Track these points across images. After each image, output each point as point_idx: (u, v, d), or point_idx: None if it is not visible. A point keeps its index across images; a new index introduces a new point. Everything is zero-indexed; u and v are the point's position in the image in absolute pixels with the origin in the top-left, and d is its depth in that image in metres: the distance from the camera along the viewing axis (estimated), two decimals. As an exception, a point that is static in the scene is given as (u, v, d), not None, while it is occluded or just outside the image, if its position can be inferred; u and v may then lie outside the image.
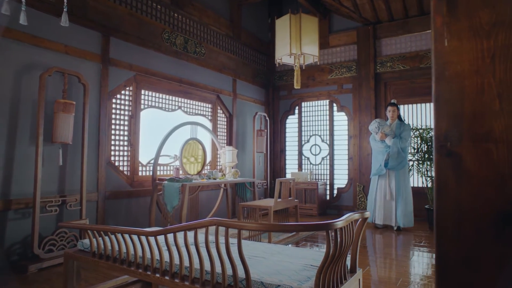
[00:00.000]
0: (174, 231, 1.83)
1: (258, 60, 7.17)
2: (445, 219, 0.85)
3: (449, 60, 0.85)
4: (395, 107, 5.23)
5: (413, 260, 3.65)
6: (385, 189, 5.10)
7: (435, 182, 0.88)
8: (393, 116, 5.20)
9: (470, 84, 0.82)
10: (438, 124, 0.87)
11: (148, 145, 4.70)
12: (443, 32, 0.86)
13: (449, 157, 0.85)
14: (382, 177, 5.14)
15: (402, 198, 4.97)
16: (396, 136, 5.10)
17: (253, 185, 5.58)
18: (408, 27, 6.02)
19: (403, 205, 4.95)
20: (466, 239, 0.80)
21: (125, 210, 4.32)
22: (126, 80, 4.36)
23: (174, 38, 4.99)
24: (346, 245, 1.71)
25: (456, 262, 0.82)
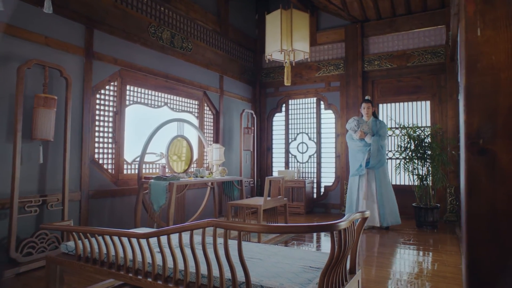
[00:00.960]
0: (168, 233, 1.73)
1: (245, 57, 7.08)
2: (478, 223, 0.79)
3: (482, 51, 0.79)
4: (370, 104, 5.13)
5: (403, 258, 3.66)
6: (366, 189, 4.97)
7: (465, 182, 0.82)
8: (368, 113, 5.10)
9: (507, 77, 0.76)
10: (469, 120, 0.81)
11: (133, 142, 4.54)
12: (476, 21, 0.80)
13: (481, 155, 0.79)
14: (362, 177, 5.00)
15: (385, 197, 4.86)
16: (374, 133, 5.00)
17: (241, 184, 5.50)
18: (395, 25, 6.05)
19: (387, 204, 4.86)
20: (504, 244, 0.74)
21: (109, 210, 4.16)
22: (110, 75, 4.19)
23: (160, 33, 4.84)
24: (349, 246, 1.66)
25: (491, 271, 0.76)
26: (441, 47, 5.70)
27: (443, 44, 5.70)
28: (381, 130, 4.99)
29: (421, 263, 3.41)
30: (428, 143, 5.13)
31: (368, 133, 5.00)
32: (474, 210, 0.79)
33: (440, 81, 5.76)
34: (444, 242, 4.24)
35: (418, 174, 5.11)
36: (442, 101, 5.73)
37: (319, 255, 2.18)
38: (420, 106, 6.00)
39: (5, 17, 3.16)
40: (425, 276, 2.99)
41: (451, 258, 3.55)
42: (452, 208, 5.46)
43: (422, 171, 5.11)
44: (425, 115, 5.94)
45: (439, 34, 5.77)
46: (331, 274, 1.54)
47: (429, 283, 2.81)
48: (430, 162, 5.03)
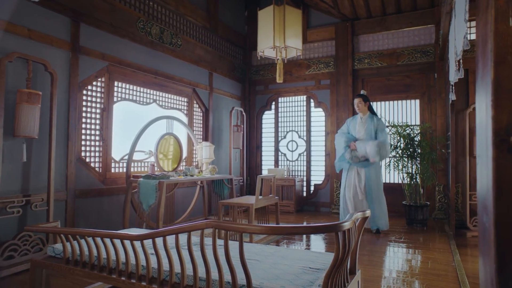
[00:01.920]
0: (164, 235, 1.65)
1: (235, 54, 7.00)
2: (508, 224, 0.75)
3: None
4: (361, 99, 4.72)
5: (396, 256, 3.66)
6: (354, 186, 4.65)
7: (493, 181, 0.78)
8: (360, 108, 4.72)
9: (540, 70, 0.72)
10: (498, 115, 0.77)
11: (121, 140, 4.42)
12: (508, 10, 0.76)
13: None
14: (351, 171, 4.70)
15: (376, 199, 4.55)
16: (369, 132, 4.63)
17: (231, 182, 5.43)
18: (386, 24, 6.07)
19: (378, 207, 4.55)
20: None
21: (96, 210, 4.03)
22: (98, 70, 4.06)
23: (149, 28, 4.72)
24: (352, 246, 1.62)
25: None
26: (430, 46, 5.75)
27: (432, 43, 5.74)
28: (379, 126, 4.66)
29: (414, 262, 3.42)
30: (417, 142, 5.16)
31: (361, 139, 4.66)
32: (503, 210, 0.75)
33: (429, 80, 5.81)
34: (434, 240, 4.27)
35: (408, 172, 5.14)
36: (431, 100, 5.78)
37: (317, 255, 2.14)
38: (409, 105, 6.04)
39: (-14, 8, 3.00)
40: (419, 274, 2.99)
41: (443, 256, 3.57)
42: (440, 206, 5.52)
43: (412, 169, 5.14)
44: (414, 113, 5.98)
45: (428, 33, 5.81)
46: (335, 276, 1.49)
47: (424, 282, 2.81)
48: (420, 160, 5.06)
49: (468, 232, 4.52)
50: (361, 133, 4.72)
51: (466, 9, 2.40)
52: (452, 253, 3.65)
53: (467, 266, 3.25)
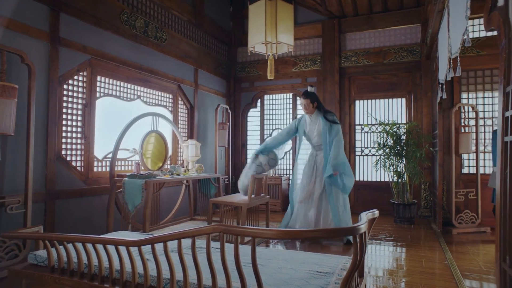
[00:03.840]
0: (165, 240, 1.52)
1: (220, 50, 6.84)
2: None
3: None
4: (308, 100, 4.08)
5: (389, 255, 3.64)
6: (308, 187, 4.14)
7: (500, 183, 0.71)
8: (308, 110, 4.15)
9: None
10: None
11: (105, 137, 4.20)
12: None
13: None
14: (307, 170, 4.22)
15: (341, 204, 4.00)
16: (324, 133, 4.06)
17: (218, 181, 5.30)
18: (372, 22, 6.07)
19: (343, 213, 3.99)
20: None
21: (78, 211, 3.81)
22: (79, 64, 3.83)
23: (133, 20, 4.51)
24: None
25: None
26: (416, 45, 5.79)
27: (418, 42, 5.79)
28: (335, 136, 4.02)
29: (408, 261, 3.40)
30: (404, 140, 5.19)
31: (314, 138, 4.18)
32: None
33: (416, 78, 5.86)
34: (424, 238, 4.30)
35: (396, 170, 5.16)
36: (417, 99, 5.83)
37: (321, 257, 2.06)
38: (395, 103, 6.08)
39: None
40: (416, 274, 2.96)
41: (435, 254, 3.57)
42: (426, 203, 5.58)
43: (399, 167, 5.16)
44: (400, 112, 6.02)
45: (414, 32, 5.85)
46: (352, 281, 1.41)
47: (421, 281, 2.78)
48: (407, 158, 5.09)
49: (453, 229, 4.58)
50: (314, 133, 4.20)
51: (467, 5, 2.38)
52: (443, 251, 3.66)
53: (460, 263, 3.26)
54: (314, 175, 4.19)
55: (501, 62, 1.85)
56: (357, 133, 6.28)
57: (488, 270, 3.11)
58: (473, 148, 4.81)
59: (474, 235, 4.48)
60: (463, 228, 4.61)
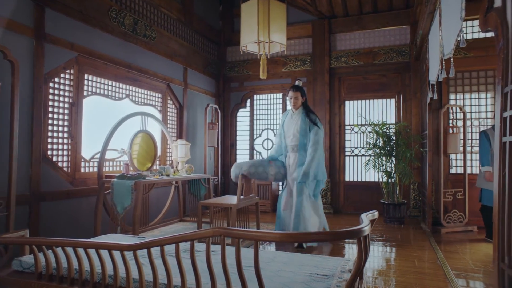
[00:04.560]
0: (162, 244, 1.46)
1: (209, 49, 6.77)
2: None
3: None
4: (299, 93, 3.90)
5: (381, 255, 3.64)
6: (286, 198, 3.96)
7: None
8: (296, 104, 3.90)
9: None
10: None
11: (92, 137, 4.09)
12: None
13: None
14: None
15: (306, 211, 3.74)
16: (302, 132, 3.81)
17: (208, 182, 5.23)
18: (362, 23, 6.10)
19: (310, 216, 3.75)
20: None
21: (65, 213, 3.69)
22: (66, 61, 3.71)
23: (122, 18, 4.40)
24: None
25: None
26: (405, 46, 5.85)
27: (407, 43, 5.84)
28: (314, 138, 3.74)
29: (400, 261, 3.41)
30: (394, 140, 5.22)
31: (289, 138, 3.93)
32: None
33: (405, 79, 5.91)
34: (414, 238, 4.32)
35: (386, 170, 5.19)
36: (406, 99, 5.89)
37: (319, 259, 2.03)
38: (385, 104, 6.12)
39: None
40: (409, 274, 2.97)
41: (426, 254, 3.60)
42: (415, 203, 5.64)
43: (389, 167, 5.19)
44: (390, 112, 6.07)
45: (404, 33, 5.91)
46: (355, 283, 1.38)
47: (415, 281, 2.78)
48: (397, 159, 5.13)
49: (442, 229, 4.63)
50: (290, 131, 3.91)
51: (462, 6, 2.38)
52: (434, 250, 3.69)
53: (451, 263, 3.28)
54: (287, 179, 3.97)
55: (498, 62, 1.85)
56: (347, 133, 6.30)
57: (477, 269, 3.14)
58: (461, 148, 4.88)
59: (462, 234, 4.54)
60: (451, 228, 4.67)
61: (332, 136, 6.26)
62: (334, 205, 6.16)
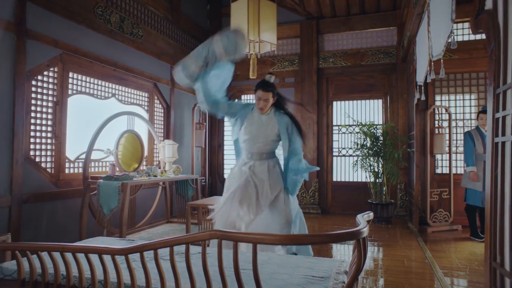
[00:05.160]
0: (155, 248, 1.41)
1: (197, 48, 6.68)
2: None
3: None
4: (270, 94, 2.75)
5: (371, 255, 3.66)
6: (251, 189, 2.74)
7: None
8: (265, 108, 2.78)
9: None
10: None
11: (77, 137, 3.97)
12: None
13: None
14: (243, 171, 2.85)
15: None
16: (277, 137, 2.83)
17: (196, 183, 5.17)
18: (350, 24, 6.14)
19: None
20: None
21: (48, 216, 3.57)
22: (50, 59, 3.59)
23: (108, 15, 4.30)
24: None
25: None
26: (392, 47, 5.91)
27: (394, 45, 5.91)
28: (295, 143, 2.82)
29: (390, 260, 3.43)
30: (382, 141, 5.27)
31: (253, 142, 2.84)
32: None
33: (392, 80, 5.98)
34: (402, 237, 4.37)
35: (373, 171, 5.23)
36: (393, 100, 5.95)
37: (312, 261, 2.01)
38: (372, 104, 6.17)
39: None
40: (400, 273, 2.99)
41: (415, 253, 3.63)
42: (402, 203, 5.70)
43: (377, 168, 5.24)
44: (377, 113, 6.12)
45: (390, 35, 5.97)
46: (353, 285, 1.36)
47: (406, 281, 2.80)
48: (385, 159, 5.17)
49: (428, 228, 4.69)
50: (260, 138, 2.81)
51: (453, 8, 2.41)
52: (422, 250, 3.73)
53: (439, 262, 3.32)
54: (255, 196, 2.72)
55: (490, 64, 1.88)
56: (335, 133, 6.33)
57: (464, 267, 3.19)
58: (446, 148, 4.96)
59: (447, 233, 4.61)
60: (437, 227, 4.74)
61: (320, 137, 6.28)
62: (322, 205, 6.18)
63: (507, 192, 1.66)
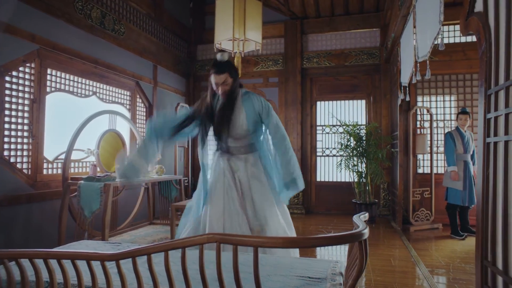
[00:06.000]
0: (149, 253, 1.34)
1: (180, 47, 6.58)
2: None
3: None
4: (227, 74, 2.35)
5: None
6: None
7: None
8: (225, 90, 2.39)
9: None
10: None
11: (56, 136, 3.80)
12: None
13: None
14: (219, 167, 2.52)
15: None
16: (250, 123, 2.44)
17: (180, 183, 5.07)
18: (334, 24, 6.17)
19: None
20: None
21: (24, 219, 3.40)
22: (26, 54, 3.42)
23: (89, 10, 4.14)
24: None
25: None
26: (376, 48, 5.99)
27: (377, 46, 5.99)
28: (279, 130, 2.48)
29: (377, 260, 3.45)
30: (365, 141, 5.33)
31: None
32: None
33: (375, 81, 6.05)
34: (386, 236, 4.42)
35: (358, 171, 5.28)
36: (376, 101, 6.03)
37: (307, 261, 1.98)
38: (356, 105, 6.23)
39: None
40: (388, 273, 3.01)
41: (401, 252, 3.68)
42: (385, 203, 5.78)
43: (361, 168, 5.29)
44: (361, 113, 6.19)
45: (374, 36, 6.05)
46: None
47: (395, 280, 2.82)
48: (368, 159, 5.23)
49: (411, 227, 4.77)
50: (235, 126, 2.45)
51: (441, 10, 2.44)
52: (407, 249, 3.78)
53: (424, 260, 3.37)
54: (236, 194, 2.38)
55: (481, 66, 1.90)
56: (319, 134, 6.35)
57: (447, 265, 3.24)
58: (428, 148, 5.06)
59: (429, 232, 4.71)
60: (419, 226, 4.82)
61: (304, 137, 6.29)
62: (306, 205, 6.19)
63: (500, 192, 1.68)
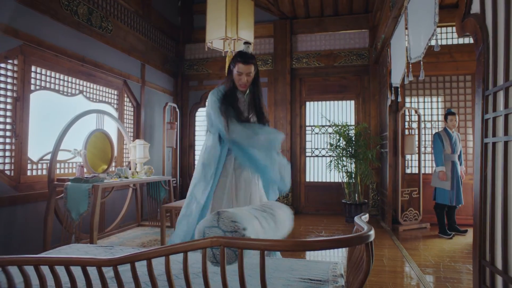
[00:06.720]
0: (149, 257, 1.28)
1: (168, 46, 6.48)
2: None
3: None
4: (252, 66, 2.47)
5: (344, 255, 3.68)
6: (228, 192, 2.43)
7: None
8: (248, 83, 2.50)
9: None
10: None
11: (40, 136, 3.67)
12: None
13: None
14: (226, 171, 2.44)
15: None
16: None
17: (169, 184, 4.98)
18: (323, 25, 6.19)
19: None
20: None
21: (7, 222, 3.26)
22: (8, 50, 3.28)
23: (75, 6, 4.02)
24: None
25: None
26: (365, 49, 6.03)
27: (366, 47, 6.03)
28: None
29: (367, 259, 3.46)
30: (355, 141, 5.35)
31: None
32: None
33: (364, 82, 6.09)
34: (377, 237, 4.44)
35: (347, 171, 5.30)
36: (365, 101, 6.07)
37: (306, 263, 1.95)
38: (345, 105, 6.26)
39: None
40: (381, 273, 3.01)
41: (392, 252, 3.69)
42: (374, 203, 5.82)
43: (351, 168, 5.31)
44: (350, 114, 6.22)
45: (363, 37, 6.09)
46: (361, 292, 1.31)
47: (389, 280, 2.83)
48: (358, 159, 5.25)
49: (400, 227, 4.82)
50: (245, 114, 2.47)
51: (436, 11, 2.45)
52: (398, 248, 3.80)
53: (415, 259, 3.39)
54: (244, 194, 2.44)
55: (479, 67, 1.91)
56: (308, 134, 6.36)
57: (437, 264, 3.28)
58: (416, 149, 5.12)
59: (417, 231, 4.76)
60: (407, 225, 4.87)
61: (293, 137, 6.28)
62: (295, 206, 6.18)
63: (499, 191, 1.69)
